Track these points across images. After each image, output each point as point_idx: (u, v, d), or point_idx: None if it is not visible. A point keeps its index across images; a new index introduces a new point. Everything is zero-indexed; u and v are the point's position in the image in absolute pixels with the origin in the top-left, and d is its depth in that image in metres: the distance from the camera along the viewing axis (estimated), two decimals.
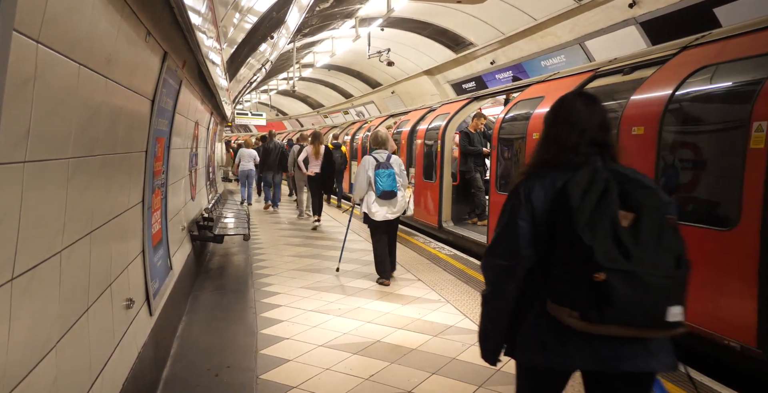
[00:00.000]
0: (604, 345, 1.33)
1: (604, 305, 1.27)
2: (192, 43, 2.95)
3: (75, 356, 1.68)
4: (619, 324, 1.29)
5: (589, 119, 1.51)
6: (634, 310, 1.27)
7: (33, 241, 1.34)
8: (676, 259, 1.31)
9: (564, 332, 1.36)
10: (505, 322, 1.50)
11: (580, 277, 1.30)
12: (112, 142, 2.05)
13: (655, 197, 1.36)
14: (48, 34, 1.29)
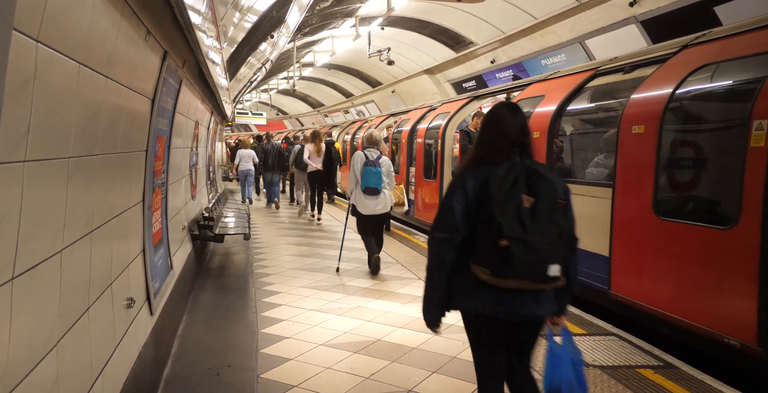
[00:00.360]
0: (505, 295, 1.81)
1: (505, 264, 1.72)
2: (192, 42, 2.95)
3: (76, 356, 1.68)
4: (515, 278, 1.75)
5: (513, 126, 1.93)
6: (525, 267, 1.72)
7: (33, 241, 1.34)
8: (559, 232, 1.76)
9: (480, 285, 1.82)
10: (444, 289, 1.92)
11: (492, 245, 1.73)
12: (112, 141, 2.05)
13: (551, 187, 1.79)
14: (48, 33, 1.29)
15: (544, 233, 1.72)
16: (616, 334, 3.62)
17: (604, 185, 4.21)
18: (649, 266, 3.67)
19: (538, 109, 5.28)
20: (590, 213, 4.38)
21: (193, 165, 5.71)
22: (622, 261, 3.93)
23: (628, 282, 3.87)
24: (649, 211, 3.61)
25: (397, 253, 6.37)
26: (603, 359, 3.17)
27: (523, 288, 1.77)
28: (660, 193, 3.60)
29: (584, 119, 5.20)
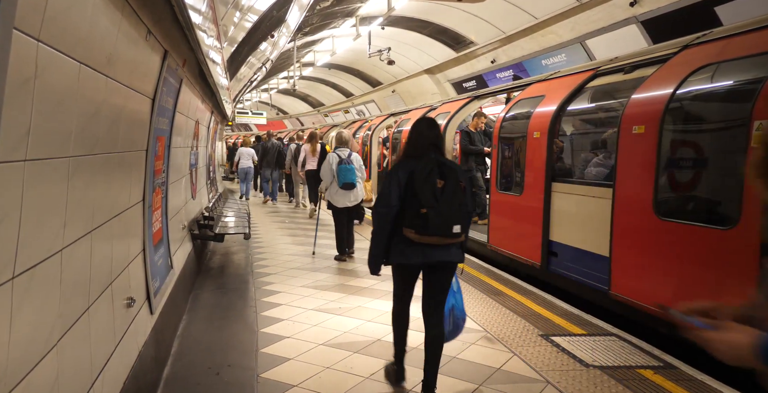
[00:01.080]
0: (427, 248, 2.62)
1: (425, 225, 2.54)
2: (192, 41, 2.95)
3: (76, 355, 1.68)
4: (431, 235, 2.56)
5: (430, 133, 2.77)
6: (437, 227, 2.54)
7: (34, 240, 1.34)
8: (459, 203, 2.60)
9: (410, 243, 2.63)
10: (383, 248, 2.72)
11: (416, 213, 2.56)
12: (112, 140, 2.05)
13: (455, 174, 2.63)
14: (48, 32, 1.28)
15: (450, 204, 2.56)
16: (616, 335, 3.62)
17: (604, 185, 4.21)
18: (649, 266, 3.67)
19: (538, 109, 5.28)
20: (590, 213, 4.38)
21: (194, 164, 5.71)
22: (622, 261, 3.93)
23: (628, 282, 3.87)
24: (649, 212, 3.61)
25: None
26: (603, 359, 3.17)
27: (437, 243, 2.60)
28: (660, 193, 3.60)
29: (584, 119, 5.20)
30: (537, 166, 5.10)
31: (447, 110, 8.14)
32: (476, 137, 7.51)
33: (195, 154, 5.81)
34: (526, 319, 3.94)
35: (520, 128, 5.62)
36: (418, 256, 2.62)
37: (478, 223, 7.47)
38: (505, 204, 5.74)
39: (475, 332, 3.66)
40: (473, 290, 4.71)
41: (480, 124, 7.61)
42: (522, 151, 5.46)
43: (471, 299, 4.43)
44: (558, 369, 3.03)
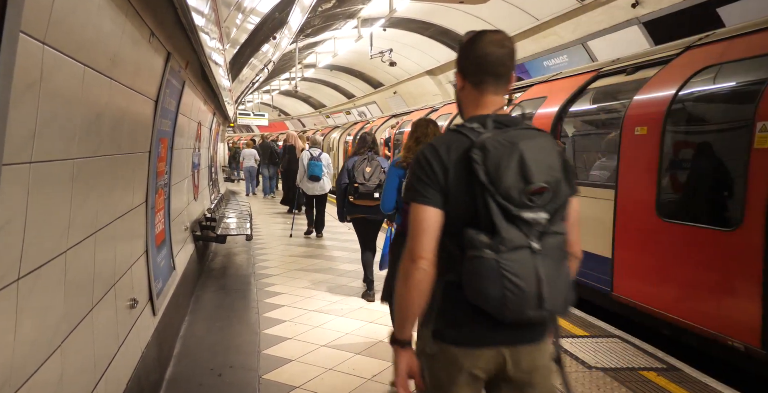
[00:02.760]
0: (363, 208, 4.38)
1: (357, 193, 4.37)
2: (195, 43, 2.96)
3: (80, 356, 1.68)
4: (362, 199, 4.37)
5: (369, 140, 4.60)
6: (365, 193, 4.35)
7: (39, 241, 1.34)
8: (379, 181, 4.32)
9: (354, 205, 4.42)
10: (342, 206, 4.54)
11: (353, 187, 4.39)
12: (116, 142, 2.05)
13: (379, 164, 4.46)
14: (54, 35, 1.29)
15: (372, 181, 4.35)
16: (619, 336, 3.61)
17: (607, 187, 4.21)
18: (652, 268, 3.66)
19: (540, 111, 5.28)
20: (592, 214, 4.37)
21: (196, 166, 5.72)
22: (625, 262, 3.92)
23: (631, 284, 3.86)
24: (651, 213, 3.61)
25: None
26: (605, 361, 3.16)
27: (367, 204, 4.34)
28: (662, 194, 3.60)
29: (586, 121, 5.20)
30: None
31: (449, 111, 8.15)
32: None
33: (197, 156, 5.83)
34: None
35: None
36: (359, 212, 4.45)
37: None
38: None
39: None
40: None
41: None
42: None
43: None
44: None
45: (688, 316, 3.32)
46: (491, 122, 1.31)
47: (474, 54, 1.36)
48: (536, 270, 1.22)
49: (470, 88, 1.39)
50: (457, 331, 1.31)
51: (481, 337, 1.30)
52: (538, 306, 1.23)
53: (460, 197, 1.27)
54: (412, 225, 1.29)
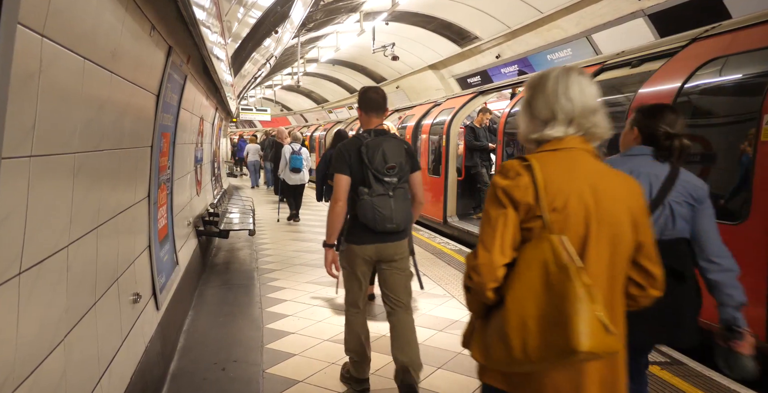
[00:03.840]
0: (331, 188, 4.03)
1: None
2: (197, 37, 2.94)
3: (83, 350, 1.69)
4: None
5: (343, 135, 5.12)
6: None
7: (40, 236, 1.34)
8: None
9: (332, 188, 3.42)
10: (321, 190, 5.17)
11: (330, 174, 3.15)
12: (117, 137, 2.05)
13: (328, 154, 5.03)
14: (53, 27, 1.28)
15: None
16: None
17: None
18: None
19: None
20: None
21: (198, 161, 5.72)
22: None
23: None
24: None
25: None
26: None
27: None
28: None
29: None
30: None
31: (451, 106, 8.11)
32: (481, 133, 7.48)
33: (200, 151, 5.82)
34: None
35: None
36: None
37: None
38: None
39: None
40: None
41: (485, 120, 7.57)
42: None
43: None
44: None
45: None
46: (372, 133, 2.62)
47: (365, 98, 2.70)
48: (390, 205, 2.52)
49: (363, 115, 2.71)
50: (355, 237, 2.59)
51: (366, 240, 2.58)
52: (391, 223, 2.51)
53: (356, 170, 2.54)
54: (335, 184, 2.55)
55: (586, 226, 1.21)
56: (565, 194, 1.20)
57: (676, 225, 1.85)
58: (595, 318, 1.07)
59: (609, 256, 1.22)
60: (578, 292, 1.08)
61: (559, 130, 1.29)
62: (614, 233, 1.22)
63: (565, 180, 1.22)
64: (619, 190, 1.27)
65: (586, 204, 1.21)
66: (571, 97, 1.28)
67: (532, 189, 1.20)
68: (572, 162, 1.27)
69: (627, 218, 1.24)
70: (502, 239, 1.19)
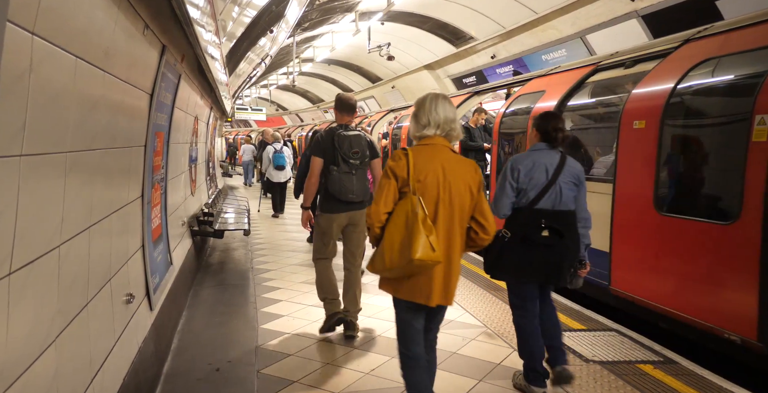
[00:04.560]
0: None
1: None
2: (191, 36, 2.93)
3: (75, 351, 1.68)
4: None
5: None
6: None
7: (31, 236, 1.33)
8: None
9: None
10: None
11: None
12: (110, 136, 2.03)
13: None
14: (43, 25, 1.27)
15: None
16: (616, 330, 3.62)
17: (605, 181, 4.20)
18: (650, 262, 3.67)
19: (538, 105, 5.26)
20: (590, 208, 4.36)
21: (193, 160, 5.70)
22: (622, 257, 3.93)
23: (628, 278, 3.87)
24: (649, 207, 3.61)
25: None
26: (603, 355, 3.17)
27: None
28: (660, 188, 3.59)
29: (585, 114, 5.18)
30: None
31: None
32: (476, 133, 7.48)
33: (194, 150, 5.80)
34: None
35: (520, 124, 5.60)
36: None
37: None
38: None
39: (475, 328, 3.66)
40: (473, 286, 4.71)
41: (480, 120, 7.58)
42: (522, 147, 5.44)
43: (471, 295, 4.43)
44: None
45: (685, 310, 3.33)
46: (343, 127, 3.42)
47: (341, 102, 3.51)
48: (352, 181, 3.36)
49: (338, 114, 3.52)
50: (331, 208, 3.41)
51: (340, 209, 3.41)
52: (352, 193, 3.35)
53: (329, 153, 3.34)
54: (311, 164, 3.37)
55: (438, 192, 2.03)
56: (426, 171, 2.03)
57: (563, 199, 2.60)
58: (427, 242, 1.89)
59: (451, 211, 2.04)
60: (420, 227, 1.92)
61: (430, 131, 2.12)
62: (455, 197, 2.04)
63: (427, 163, 2.04)
64: (461, 170, 2.08)
65: (438, 178, 2.03)
66: (439, 112, 2.12)
67: (406, 168, 2.02)
68: (434, 152, 2.08)
69: (465, 188, 2.07)
70: (386, 198, 2.02)
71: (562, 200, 2.59)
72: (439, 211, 2.03)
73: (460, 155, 2.16)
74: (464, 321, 3.79)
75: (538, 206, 2.56)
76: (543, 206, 2.57)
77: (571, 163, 2.65)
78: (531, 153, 2.68)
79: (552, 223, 2.53)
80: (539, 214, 2.55)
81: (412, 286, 2.03)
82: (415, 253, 1.87)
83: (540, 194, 2.57)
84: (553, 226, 2.54)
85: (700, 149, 3.49)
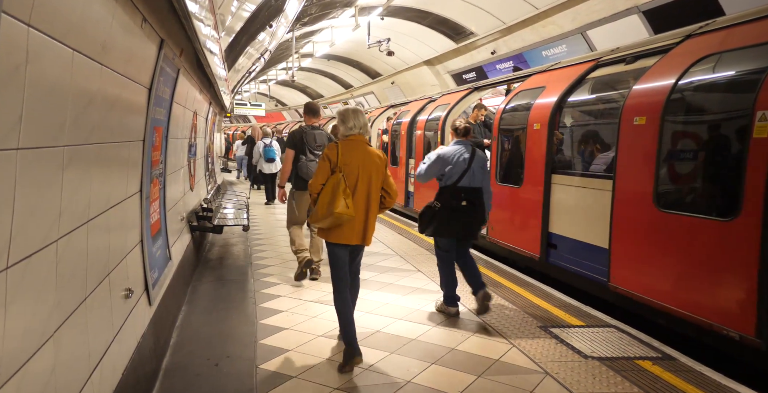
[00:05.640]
0: None
1: None
2: (189, 30, 2.91)
3: (73, 346, 1.67)
4: None
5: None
6: None
7: (28, 230, 1.32)
8: None
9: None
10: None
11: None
12: (108, 130, 2.02)
13: None
14: (39, 17, 1.25)
15: None
16: (615, 326, 3.62)
17: (605, 177, 4.20)
18: (649, 258, 3.67)
19: (538, 101, 5.24)
20: (590, 205, 4.37)
21: (192, 155, 5.68)
22: (622, 253, 3.92)
23: (628, 274, 3.87)
24: (649, 203, 3.60)
25: (395, 244, 6.36)
26: (601, 351, 3.18)
27: None
28: (660, 185, 3.59)
29: (585, 110, 5.17)
30: (537, 158, 5.08)
31: (446, 102, 8.10)
32: (476, 129, 7.46)
33: (193, 146, 5.78)
34: (525, 310, 3.95)
35: (520, 120, 5.58)
36: None
37: None
38: (505, 196, 5.72)
39: (474, 324, 3.66)
40: None
41: (480, 116, 7.56)
42: (522, 142, 5.43)
43: (470, 291, 4.43)
44: (557, 360, 3.03)
45: (684, 306, 3.33)
46: (309, 127, 4.79)
47: (307, 108, 4.93)
48: (313, 166, 4.61)
49: (306, 117, 4.87)
50: (299, 184, 4.72)
51: (305, 187, 4.45)
52: (310, 177, 4.40)
53: (299, 146, 4.68)
54: (286, 155, 4.75)
55: (357, 172, 2.97)
56: (350, 158, 2.97)
57: (475, 179, 3.74)
58: (344, 202, 2.86)
59: (367, 185, 2.99)
60: (341, 193, 2.87)
61: (354, 131, 3.07)
62: (370, 176, 3.00)
63: (350, 151, 2.99)
64: (373, 157, 3.03)
65: (358, 162, 2.98)
66: (359, 119, 3.08)
67: (336, 155, 2.96)
68: (355, 144, 3.03)
69: (376, 169, 3.02)
70: (322, 175, 2.97)
71: (475, 180, 3.73)
72: (357, 184, 2.98)
73: (373, 147, 3.11)
74: (463, 317, 3.80)
75: (459, 185, 3.71)
76: (463, 185, 3.71)
77: (480, 154, 3.78)
78: (453, 147, 3.81)
79: (468, 196, 3.69)
80: (460, 190, 3.70)
81: (338, 233, 3.00)
82: (336, 208, 2.86)
83: (461, 176, 3.70)
84: (469, 198, 3.69)
85: (700, 146, 3.48)
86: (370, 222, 3.05)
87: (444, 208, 3.68)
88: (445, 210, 3.68)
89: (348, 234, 2.98)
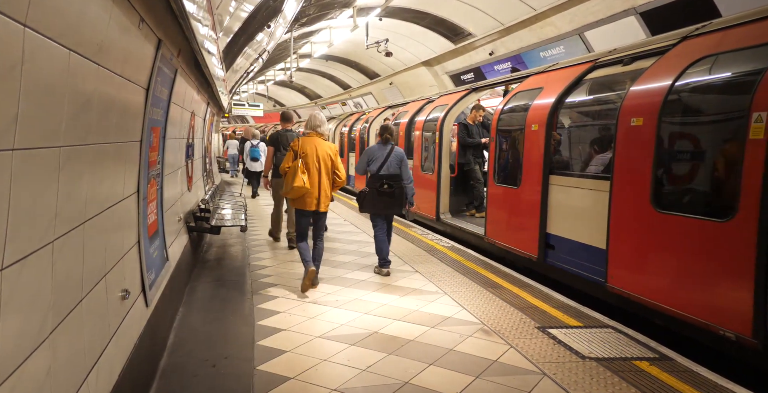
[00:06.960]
0: None
1: None
2: (187, 31, 2.90)
3: (69, 347, 1.66)
4: None
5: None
6: None
7: (23, 231, 1.31)
8: None
9: None
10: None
11: None
12: (105, 131, 2.01)
13: None
14: (36, 17, 1.25)
15: None
16: (613, 327, 3.63)
17: (602, 178, 4.20)
18: (646, 259, 3.67)
19: (536, 102, 5.25)
20: (587, 206, 4.37)
21: (189, 156, 5.67)
22: (619, 254, 3.93)
23: (625, 275, 3.87)
24: (646, 204, 3.61)
25: (395, 246, 6.36)
26: (599, 351, 3.18)
27: None
28: (657, 185, 3.60)
29: (583, 111, 5.18)
30: (535, 159, 5.08)
31: (445, 103, 8.10)
32: (474, 130, 7.48)
33: (191, 146, 5.77)
34: (522, 311, 3.95)
35: (518, 121, 5.59)
36: None
37: (476, 216, 7.46)
38: (503, 197, 5.73)
39: (472, 325, 3.66)
40: (470, 283, 4.71)
41: (478, 117, 7.57)
42: (520, 143, 5.43)
43: (468, 292, 4.43)
44: (554, 361, 3.03)
45: (681, 307, 3.34)
46: (284, 130, 6.32)
47: (283, 116, 6.47)
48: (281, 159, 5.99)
49: (282, 122, 6.49)
50: (277, 174, 6.16)
51: (279, 175, 5.88)
52: None
53: (276, 144, 6.18)
54: (267, 152, 6.30)
55: (313, 158, 4.48)
56: (307, 148, 4.50)
57: (392, 169, 5.01)
58: (301, 179, 4.36)
59: (320, 167, 4.48)
60: (299, 173, 4.39)
61: (308, 130, 4.63)
62: (324, 162, 4.51)
63: (308, 144, 4.52)
64: (326, 147, 4.56)
65: (314, 151, 4.49)
66: (313, 123, 4.63)
67: (298, 147, 4.51)
68: (311, 139, 4.56)
69: (328, 156, 4.54)
70: (288, 160, 4.49)
71: (391, 169, 5.00)
72: (310, 167, 4.41)
73: (327, 141, 4.60)
74: (461, 318, 3.80)
75: (380, 173, 5.00)
76: (383, 173, 5.00)
77: (397, 150, 5.04)
78: (377, 146, 5.12)
79: (388, 181, 4.97)
80: (382, 177, 5.00)
81: (302, 202, 4.45)
82: (294, 183, 4.30)
83: (380, 167, 5.01)
84: (389, 183, 4.97)
85: (697, 147, 3.49)
86: (323, 194, 4.46)
87: (371, 190, 5.01)
88: (372, 192, 5.00)
89: (308, 202, 4.43)
